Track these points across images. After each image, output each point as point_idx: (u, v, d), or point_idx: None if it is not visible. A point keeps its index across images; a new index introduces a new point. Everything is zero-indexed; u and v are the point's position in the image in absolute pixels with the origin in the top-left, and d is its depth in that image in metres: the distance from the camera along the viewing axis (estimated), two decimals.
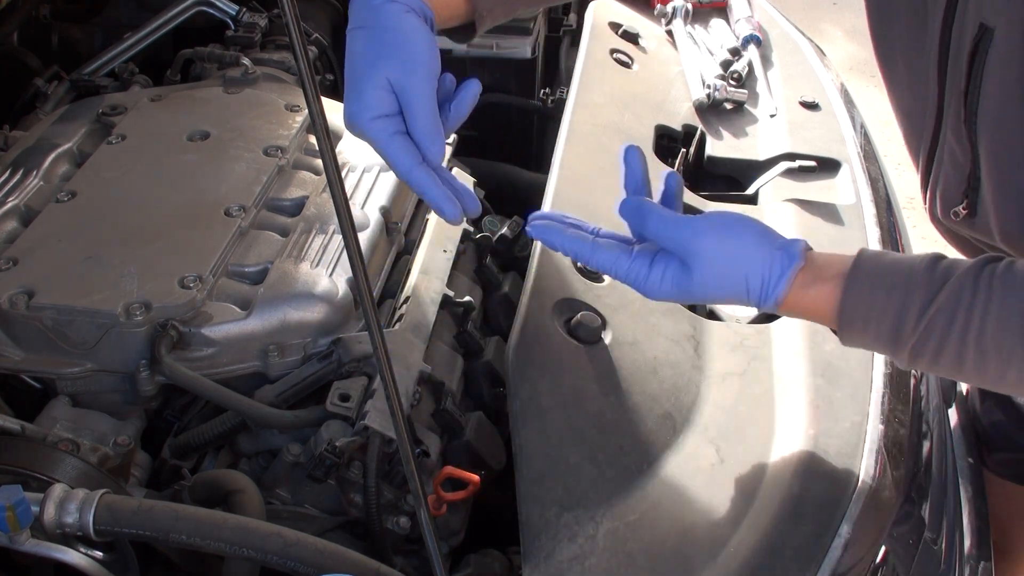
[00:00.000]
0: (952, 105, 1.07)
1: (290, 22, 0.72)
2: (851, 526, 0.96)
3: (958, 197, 1.12)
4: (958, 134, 1.07)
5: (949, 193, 1.14)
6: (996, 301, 0.87)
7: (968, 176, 1.09)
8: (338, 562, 0.86)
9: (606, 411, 1.04)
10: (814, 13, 4.69)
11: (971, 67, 1.01)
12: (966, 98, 1.03)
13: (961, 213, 1.13)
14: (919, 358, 0.91)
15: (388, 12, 0.98)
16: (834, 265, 0.94)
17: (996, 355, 0.87)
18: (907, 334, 0.90)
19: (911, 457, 1.06)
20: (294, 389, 1.12)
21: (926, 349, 0.89)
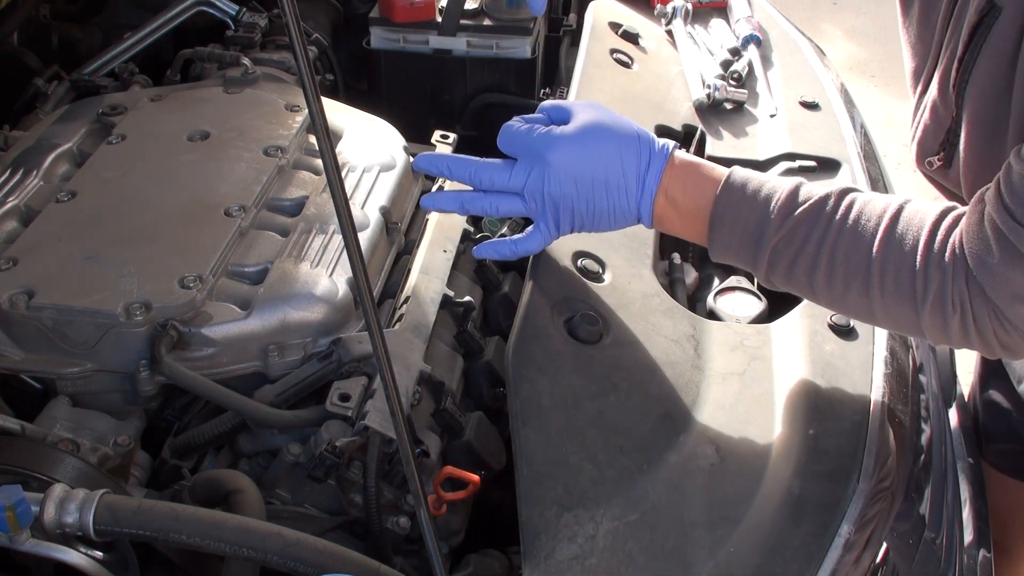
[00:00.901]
0: (943, 66, 1.13)
1: (290, 22, 0.72)
2: (851, 526, 0.96)
3: (935, 148, 1.20)
4: (944, 92, 1.13)
5: (927, 143, 1.21)
6: (851, 222, 0.96)
7: (947, 131, 1.16)
8: (338, 562, 0.86)
9: (606, 411, 1.04)
10: (814, 13, 4.69)
11: (971, 38, 1.05)
12: (959, 64, 1.08)
13: (935, 163, 1.20)
14: (777, 264, 1.00)
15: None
16: (705, 167, 1.05)
17: (844, 270, 0.96)
18: (769, 235, 0.99)
19: (911, 457, 1.06)
20: (294, 389, 1.12)
21: (785, 254, 0.99)
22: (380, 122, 1.51)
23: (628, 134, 1.07)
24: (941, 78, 1.14)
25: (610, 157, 1.05)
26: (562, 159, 1.04)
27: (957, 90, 1.11)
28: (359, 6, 2.01)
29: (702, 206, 1.03)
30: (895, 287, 0.94)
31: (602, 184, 1.05)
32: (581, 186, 1.05)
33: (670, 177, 1.05)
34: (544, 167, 1.05)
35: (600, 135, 1.05)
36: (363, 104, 1.59)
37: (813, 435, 1.04)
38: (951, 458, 1.29)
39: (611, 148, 1.05)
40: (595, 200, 1.05)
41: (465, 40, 1.83)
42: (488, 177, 1.08)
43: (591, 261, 1.21)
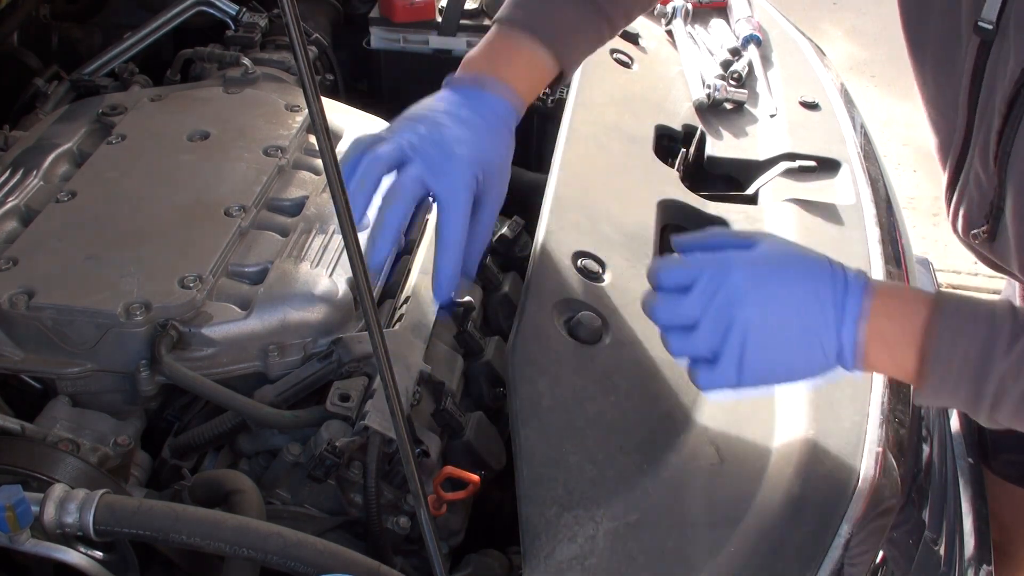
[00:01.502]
0: (981, 138, 1.05)
1: (290, 22, 0.72)
2: (851, 526, 0.96)
3: (980, 219, 1.10)
4: (985, 164, 1.05)
5: (972, 214, 1.13)
6: None
7: (991, 202, 1.07)
8: (338, 562, 0.86)
9: (606, 411, 1.04)
10: (814, 13, 4.69)
11: (1009, 110, 0.97)
12: (1000, 137, 1.00)
13: (982, 236, 1.11)
14: (1004, 399, 0.87)
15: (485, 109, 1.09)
16: (907, 291, 0.94)
17: None
18: (995, 365, 0.86)
19: (911, 457, 1.06)
20: (294, 389, 1.12)
21: (1016, 386, 0.86)
22: (380, 122, 1.51)
23: (819, 259, 0.94)
24: (982, 152, 1.06)
25: (805, 283, 0.91)
26: (754, 283, 0.90)
27: (998, 162, 1.02)
28: (359, 6, 2.01)
29: (911, 337, 0.90)
30: None
31: (797, 313, 0.91)
32: (774, 314, 0.91)
33: (871, 304, 0.91)
34: (730, 290, 0.91)
35: (792, 259, 0.94)
36: (363, 104, 1.59)
37: (813, 435, 1.04)
38: (951, 459, 1.29)
39: (805, 273, 0.92)
40: (791, 331, 0.91)
41: (465, 40, 1.83)
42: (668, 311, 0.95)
43: (591, 261, 1.21)
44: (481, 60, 1.15)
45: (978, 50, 1.03)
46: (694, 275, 0.93)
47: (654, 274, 0.96)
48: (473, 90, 1.11)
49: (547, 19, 1.17)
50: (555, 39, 1.16)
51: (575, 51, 1.20)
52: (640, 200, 1.36)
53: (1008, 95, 0.98)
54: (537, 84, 1.17)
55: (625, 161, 1.43)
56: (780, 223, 1.34)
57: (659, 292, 0.96)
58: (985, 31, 1.00)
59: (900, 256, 1.36)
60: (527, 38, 1.16)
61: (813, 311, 0.91)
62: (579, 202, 1.30)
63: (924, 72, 1.16)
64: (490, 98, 1.11)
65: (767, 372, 0.93)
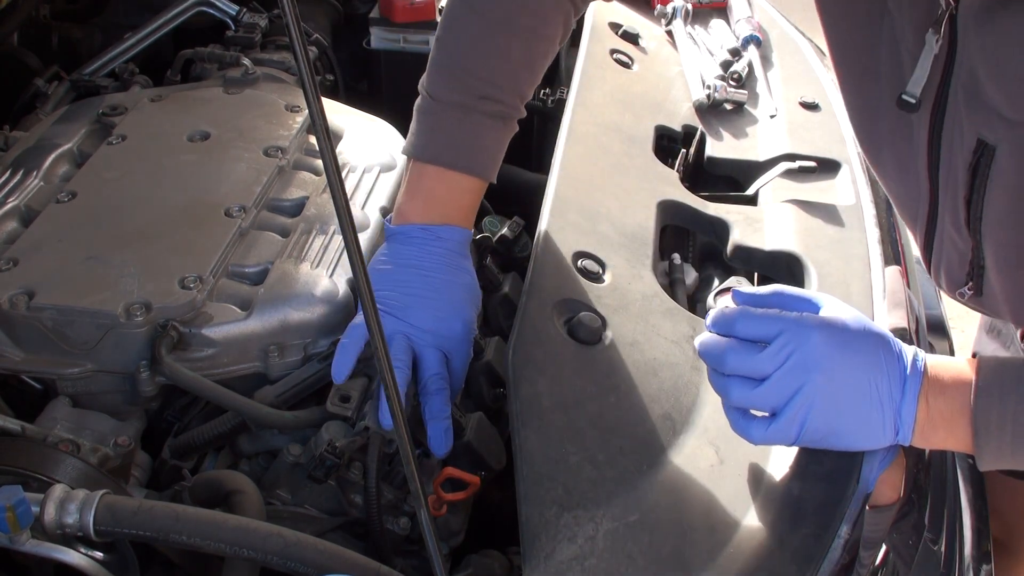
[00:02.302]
0: (948, 205, 1.04)
1: (290, 22, 0.72)
2: (851, 526, 0.96)
3: (962, 279, 1.10)
4: (958, 228, 1.04)
5: (953, 275, 1.11)
6: None
7: (971, 262, 1.06)
8: (338, 562, 0.86)
9: (606, 411, 1.04)
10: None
11: (973, 178, 0.96)
12: (968, 204, 0.99)
13: (967, 293, 1.11)
14: None
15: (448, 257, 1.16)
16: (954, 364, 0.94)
17: None
18: None
19: (911, 457, 1.06)
20: (294, 390, 1.12)
21: None
22: (380, 122, 1.51)
23: (884, 334, 0.95)
24: (952, 217, 1.04)
25: (876, 355, 0.93)
26: (829, 347, 0.92)
27: (970, 226, 1.01)
28: (359, 6, 2.01)
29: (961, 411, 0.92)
30: None
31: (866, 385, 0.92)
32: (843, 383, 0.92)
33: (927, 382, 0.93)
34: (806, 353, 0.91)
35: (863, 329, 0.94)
36: (363, 104, 1.59)
37: None
38: (951, 458, 1.29)
39: (875, 345, 0.93)
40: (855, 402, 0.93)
41: None
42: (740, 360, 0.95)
43: (591, 261, 1.21)
44: (424, 209, 1.18)
45: (930, 121, 1.00)
46: (774, 331, 0.94)
47: (729, 320, 0.97)
48: (429, 243, 1.16)
49: (476, 153, 1.19)
50: (486, 168, 1.20)
51: (494, 162, 1.22)
52: (640, 200, 1.36)
53: (968, 163, 0.96)
54: (473, 205, 1.22)
55: (625, 161, 1.43)
56: (780, 224, 1.34)
57: (732, 339, 0.96)
58: (908, 105, 0.98)
59: (900, 256, 1.36)
60: (461, 177, 1.19)
61: (880, 385, 0.93)
62: (579, 202, 1.30)
63: (877, 148, 1.14)
64: (449, 247, 1.17)
65: (823, 437, 0.95)
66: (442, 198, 1.18)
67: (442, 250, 1.16)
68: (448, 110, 1.18)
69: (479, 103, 1.18)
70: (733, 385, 0.96)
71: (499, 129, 1.21)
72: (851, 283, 1.24)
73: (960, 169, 0.98)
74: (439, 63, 1.20)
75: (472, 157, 1.19)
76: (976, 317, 1.64)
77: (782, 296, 1.00)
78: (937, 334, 1.57)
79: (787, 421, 0.93)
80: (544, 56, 1.24)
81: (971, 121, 0.94)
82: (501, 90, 1.19)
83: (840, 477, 0.99)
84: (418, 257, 1.15)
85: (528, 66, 1.22)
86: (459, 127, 1.18)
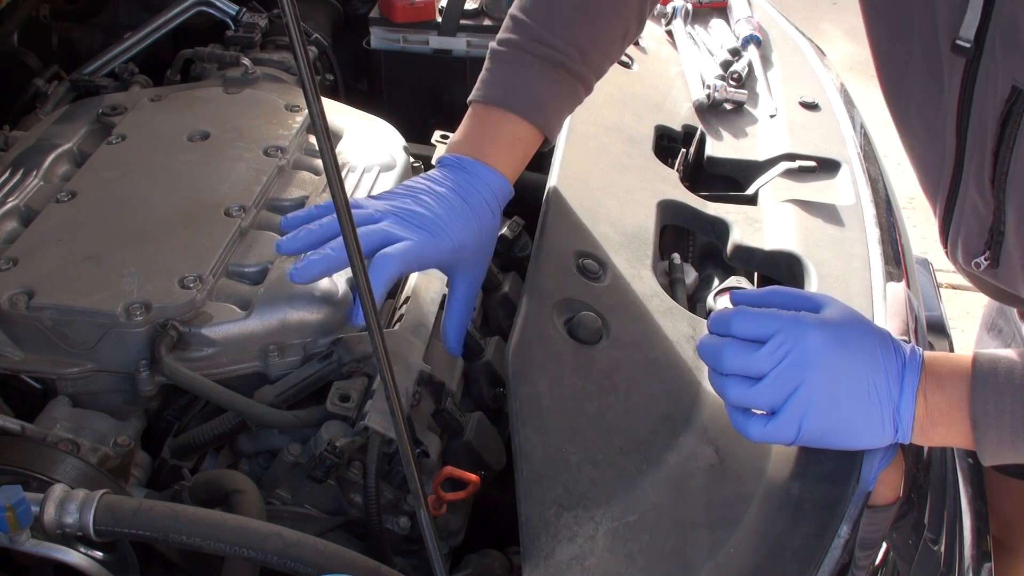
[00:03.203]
0: (974, 161, 1.04)
1: (290, 22, 0.72)
2: (851, 526, 0.96)
3: (980, 248, 1.10)
4: (981, 189, 1.04)
5: (971, 243, 1.12)
6: None
7: (990, 228, 1.06)
8: (338, 562, 0.86)
9: (606, 411, 1.04)
10: (814, 13, 4.69)
11: (1003, 128, 0.96)
12: (995, 158, 0.99)
13: (983, 264, 1.11)
14: None
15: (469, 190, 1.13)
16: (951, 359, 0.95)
17: None
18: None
19: (910, 457, 1.06)
20: (294, 389, 1.12)
21: None
22: (380, 122, 1.51)
23: (882, 331, 0.97)
24: (976, 176, 1.04)
25: (874, 354, 0.94)
26: (827, 347, 0.93)
27: (994, 185, 1.01)
28: (359, 6, 2.01)
29: (958, 405, 0.93)
30: None
31: (864, 382, 0.93)
32: (841, 381, 0.93)
33: (924, 377, 0.94)
34: (803, 351, 0.93)
35: (861, 326, 0.96)
36: (363, 104, 1.59)
37: None
38: (951, 459, 1.29)
39: (874, 344, 0.94)
40: (854, 400, 0.93)
41: (465, 40, 1.83)
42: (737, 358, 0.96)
43: (591, 261, 1.21)
44: (465, 143, 1.17)
45: (964, 72, 1.00)
46: (771, 329, 0.95)
47: (726, 320, 0.98)
48: (458, 173, 1.15)
49: (525, 94, 1.18)
50: (535, 112, 1.18)
51: (556, 119, 1.22)
52: (640, 200, 1.36)
53: (1000, 113, 0.96)
54: (522, 158, 1.20)
55: (625, 161, 1.43)
56: (780, 224, 1.34)
57: (729, 338, 0.97)
58: (964, 50, 0.97)
59: (900, 256, 1.36)
60: (507, 116, 1.17)
61: (878, 382, 0.93)
62: (579, 202, 1.30)
63: (905, 105, 1.14)
64: (474, 182, 1.14)
65: (822, 436, 0.95)
66: (479, 133, 1.17)
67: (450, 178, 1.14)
68: (504, 53, 1.19)
69: (532, 45, 1.17)
70: (731, 384, 0.96)
71: (551, 75, 1.18)
72: (851, 283, 1.24)
73: (991, 120, 0.97)
74: (510, 13, 1.21)
75: (514, 95, 1.17)
76: (977, 317, 1.64)
77: (781, 295, 1.00)
78: (937, 334, 1.57)
79: (785, 419, 0.94)
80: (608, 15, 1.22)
81: (1007, 67, 0.94)
82: (555, 36, 1.18)
83: (840, 477, 0.99)
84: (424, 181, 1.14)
85: (588, 19, 1.21)
86: (510, 67, 1.18)
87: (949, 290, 3.01)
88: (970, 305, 2.97)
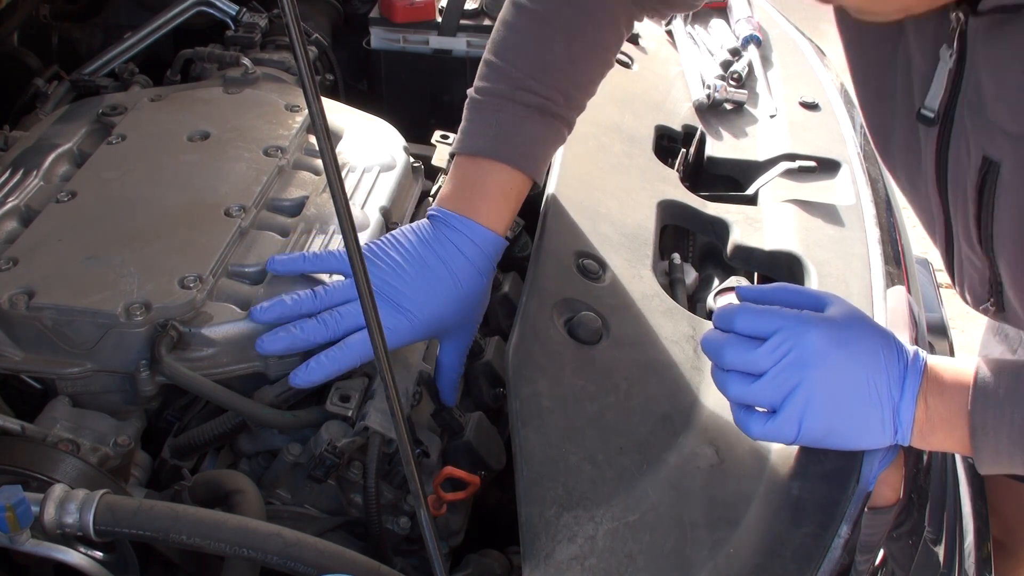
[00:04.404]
0: (960, 223, 1.03)
1: (290, 22, 0.72)
2: (851, 526, 0.96)
3: (984, 295, 1.10)
4: (971, 246, 1.04)
5: (975, 291, 1.12)
6: None
7: (989, 280, 1.07)
8: (338, 562, 0.86)
9: (606, 411, 1.04)
10: (814, 13, 4.66)
11: (980, 196, 0.96)
12: (978, 222, 0.99)
13: (991, 310, 1.11)
14: None
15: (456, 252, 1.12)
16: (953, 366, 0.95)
17: None
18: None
19: (911, 458, 1.06)
20: (294, 390, 1.12)
21: None
22: (380, 122, 1.51)
23: (886, 332, 0.97)
24: (964, 236, 1.04)
25: (876, 355, 0.94)
26: (826, 344, 0.93)
27: (983, 245, 1.01)
28: (359, 6, 2.01)
29: (958, 412, 0.93)
30: None
31: (865, 383, 0.93)
32: (842, 380, 0.93)
33: (926, 382, 0.94)
34: (803, 350, 0.93)
35: (864, 327, 0.95)
36: (363, 104, 1.59)
37: None
38: (951, 459, 1.29)
39: (877, 345, 0.94)
40: (854, 400, 0.94)
41: (465, 40, 1.83)
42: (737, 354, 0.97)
43: (591, 261, 1.21)
44: (454, 199, 1.16)
45: (936, 141, 1.00)
46: (772, 327, 0.95)
47: (730, 316, 0.98)
48: (446, 232, 1.14)
49: (513, 143, 1.17)
50: (524, 160, 1.17)
51: (543, 163, 1.21)
52: (640, 200, 1.36)
53: (975, 182, 0.95)
54: (514, 207, 1.19)
55: (625, 161, 1.43)
56: (780, 224, 1.34)
57: (731, 335, 0.97)
58: (928, 120, 0.98)
59: (900, 256, 1.36)
60: (496, 166, 1.16)
61: (879, 383, 0.93)
62: (579, 202, 1.30)
63: (892, 162, 1.14)
64: (462, 242, 1.13)
65: (823, 436, 0.96)
66: (469, 186, 1.16)
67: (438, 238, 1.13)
68: (486, 102, 1.18)
69: (516, 94, 1.16)
70: (732, 380, 0.97)
71: (537, 122, 1.18)
72: (851, 283, 1.25)
73: (968, 187, 0.97)
74: (485, 59, 1.20)
75: (503, 144, 1.16)
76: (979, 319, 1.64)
77: (787, 292, 1.00)
78: (937, 335, 1.57)
79: (785, 417, 0.94)
80: (589, 56, 1.21)
81: (976, 138, 0.94)
82: (540, 83, 1.17)
83: (840, 477, 0.99)
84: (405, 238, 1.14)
85: (571, 62, 1.19)
86: (493, 116, 1.17)
87: (949, 290, 3.01)
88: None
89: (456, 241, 1.13)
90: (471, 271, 1.13)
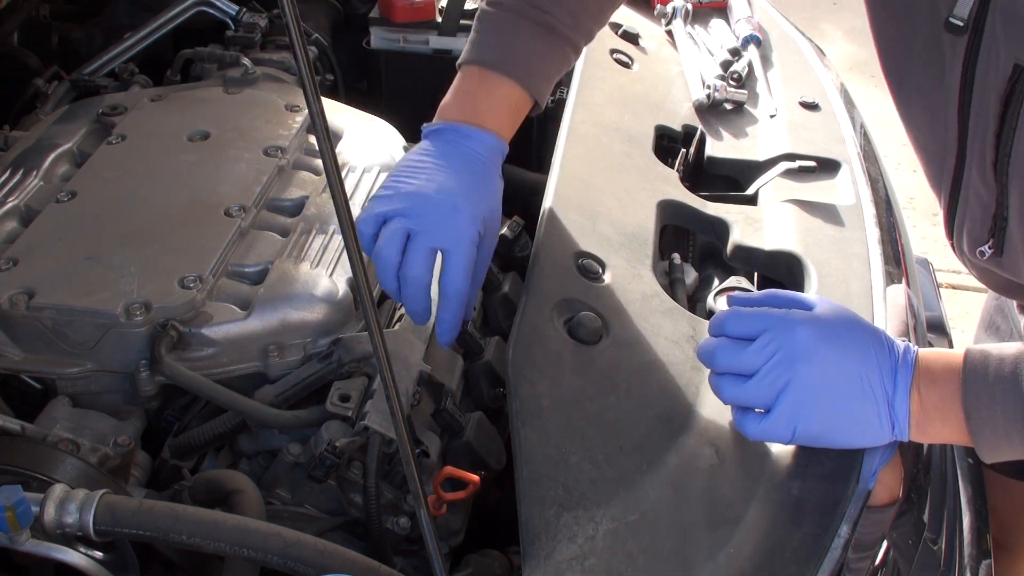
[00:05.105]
0: (976, 146, 1.03)
1: (290, 22, 0.72)
2: (851, 526, 0.96)
3: (984, 236, 1.09)
4: (983, 174, 1.04)
5: (975, 232, 1.11)
6: None
7: (994, 216, 1.06)
8: (338, 562, 0.86)
9: (606, 411, 1.04)
10: (814, 13, 4.69)
11: (1005, 108, 0.96)
12: (997, 140, 0.99)
13: (987, 252, 1.10)
14: None
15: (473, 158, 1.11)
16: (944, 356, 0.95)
17: None
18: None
19: (911, 457, 1.06)
20: (294, 389, 1.12)
21: None
22: (380, 122, 1.51)
23: (875, 328, 0.97)
24: (979, 161, 1.04)
25: (866, 350, 0.94)
26: (814, 341, 0.93)
27: (997, 168, 1.00)
28: (359, 6, 2.01)
29: (953, 402, 0.93)
30: None
31: (856, 378, 0.93)
32: (832, 377, 0.93)
33: (918, 374, 0.94)
34: (791, 348, 0.93)
35: (852, 324, 0.96)
36: (363, 104, 1.59)
37: None
38: (951, 458, 1.29)
39: (866, 340, 0.95)
40: (847, 396, 0.94)
41: (465, 40, 1.83)
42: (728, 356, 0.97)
43: (591, 261, 1.21)
44: (458, 107, 1.16)
45: (965, 53, 1.00)
46: (760, 327, 0.96)
47: (720, 321, 0.99)
48: (457, 140, 1.13)
49: (519, 59, 1.18)
50: (526, 75, 1.18)
51: (547, 84, 1.22)
52: (640, 200, 1.36)
53: (1002, 92, 0.96)
54: (516, 121, 1.19)
55: (625, 161, 1.43)
56: (780, 224, 1.34)
57: (722, 339, 0.99)
58: (957, 28, 0.98)
59: (900, 256, 1.36)
60: (499, 78, 1.17)
61: (871, 377, 0.94)
62: (579, 202, 1.30)
63: (908, 93, 1.13)
64: (475, 146, 1.13)
65: (819, 434, 0.96)
66: (473, 97, 1.16)
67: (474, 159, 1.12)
68: (495, 16, 1.19)
69: (524, 8, 1.18)
70: (725, 382, 0.98)
71: (544, 40, 1.19)
72: (851, 283, 1.24)
73: (993, 101, 0.97)
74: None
75: (509, 59, 1.17)
76: (976, 317, 1.64)
77: (776, 298, 1.01)
78: (937, 334, 1.57)
79: (778, 415, 0.94)
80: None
81: (1008, 46, 0.94)
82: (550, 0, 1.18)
83: (840, 477, 0.99)
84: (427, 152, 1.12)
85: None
86: (502, 30, 1.18)
87: (949, 290, 3.01)
88: (970, 305, 2.97)
89: (476, 149, 1.13)
90: (494, 173, 1.14)
